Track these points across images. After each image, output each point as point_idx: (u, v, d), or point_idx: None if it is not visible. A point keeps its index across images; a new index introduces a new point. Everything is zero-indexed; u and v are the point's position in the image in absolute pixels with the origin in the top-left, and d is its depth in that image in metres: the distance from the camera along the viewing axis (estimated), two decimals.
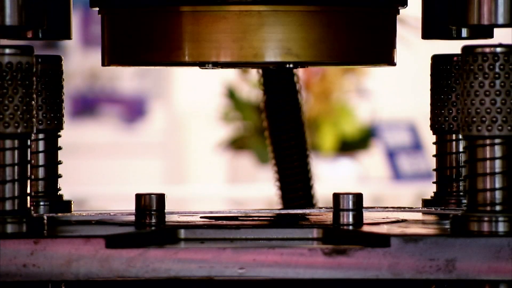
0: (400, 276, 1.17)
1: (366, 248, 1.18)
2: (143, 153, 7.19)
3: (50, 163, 1.39)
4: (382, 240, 1.18)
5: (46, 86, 1.37)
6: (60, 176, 1.40)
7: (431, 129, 1.42)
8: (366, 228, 1.24)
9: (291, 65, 1.27)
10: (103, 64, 1.30)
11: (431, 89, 1.41)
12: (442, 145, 1.41)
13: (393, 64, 1.28)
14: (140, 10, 1.25)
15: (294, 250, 1.19)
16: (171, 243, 1.21)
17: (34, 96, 1.20)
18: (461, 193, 1.34)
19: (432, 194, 1.44)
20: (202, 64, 1.24)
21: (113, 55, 1.28)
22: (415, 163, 5.63)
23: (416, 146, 5.64)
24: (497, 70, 1.17)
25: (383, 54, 1.29)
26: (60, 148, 1.40)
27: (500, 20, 1.21)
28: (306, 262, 1.19)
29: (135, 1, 1.21)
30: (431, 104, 1.41)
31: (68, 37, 1.38)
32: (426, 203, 1.44)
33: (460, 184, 1.35)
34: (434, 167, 1.44)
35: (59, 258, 1.18)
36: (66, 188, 1.42)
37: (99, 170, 6.48)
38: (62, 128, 1.39)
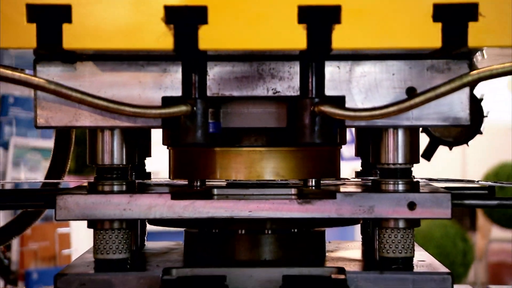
0: (341, 216, 1.21)
1: (322, 199, 1.21)
2: None
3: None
4: (331, 195, 1.20)
5: None
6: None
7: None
8: (323, 189, 1.27)
9: (278, 179, 1.30)
10: (170, 177, 1.35)
11: None
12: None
13: (336, 176, 1.33)
14: (190, 149, 1.29)
15: (281, 201, 1.22)
16: (209, 197, 1.24)
17: None
18: (380, 169, 1.36)
19: (360, 169, 1.46)
20: (226, 179, 1.30)
21: (176, 172, 1.33)
22: (351, 152, 5.64)
23: (352, 141, 5.63)
24: None
25: (332, 171, 1.32)
26: None
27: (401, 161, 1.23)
28: (288, 208, 1.22)
29: (187, 143, 1.24)
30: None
31: None
32: (358, 173, 1.46)
33: (378, 164, 1.36)
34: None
35: (144, 205, 1.21)
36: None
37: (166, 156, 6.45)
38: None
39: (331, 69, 1.19)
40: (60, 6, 1.08)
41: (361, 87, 1.19)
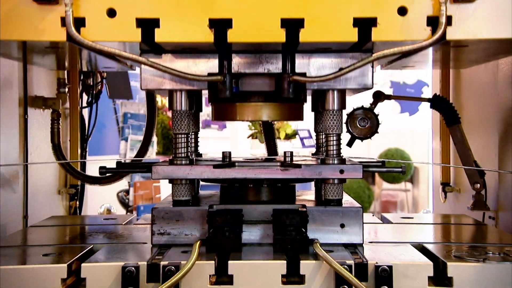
0: (304, 177, 1.20)
1: (294, 168, 1.19)
2: (223, 138, 7.10)
3: (195, 141, 1.39)
4: (299, 166, 1.18)
5: (195, 119, 1.37)
6: (198, 146, 1.39)
7: (314, 131, 1.42)
8: (294, 163, 1.24)
9: (270, 120, 1.26)
10: (212, 120, 1.30)
11: (314, 118, 1.40)
12: (318, 136, 1.41)
13: (302, 119, 1.29)
14: (223, 104, 1.25)
15: (272, 169, 1.20)
16: (233, 167, 1.21)
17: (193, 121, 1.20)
18: (324, 152, 1.33)
19: (314, 151, 1.43)
20: (242, 120, 1.25)
21: (216, 117, 1.28)
22: (310, 142, 5.59)
23: (310, 137, 5.58)
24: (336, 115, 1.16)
25: (298, 117, 1.27)
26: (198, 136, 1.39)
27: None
28: (275, 173, 1.20)
29: (221, 98, 1.19)
30: (314, 122, 1.40)
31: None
32: (313, 154, 1.43)
33: (324, 149, 1.33)
34: (315, 143, 1.43)
35: (198, 171, 1.19)
36: (201, 149, 1.41)
37: (210, 144, 6.40)
38: (199, 130, 1.39)
39: (298, 58, 1.17)
40: (154, 19, 1.06)
41: (315, 67, 1.16)
